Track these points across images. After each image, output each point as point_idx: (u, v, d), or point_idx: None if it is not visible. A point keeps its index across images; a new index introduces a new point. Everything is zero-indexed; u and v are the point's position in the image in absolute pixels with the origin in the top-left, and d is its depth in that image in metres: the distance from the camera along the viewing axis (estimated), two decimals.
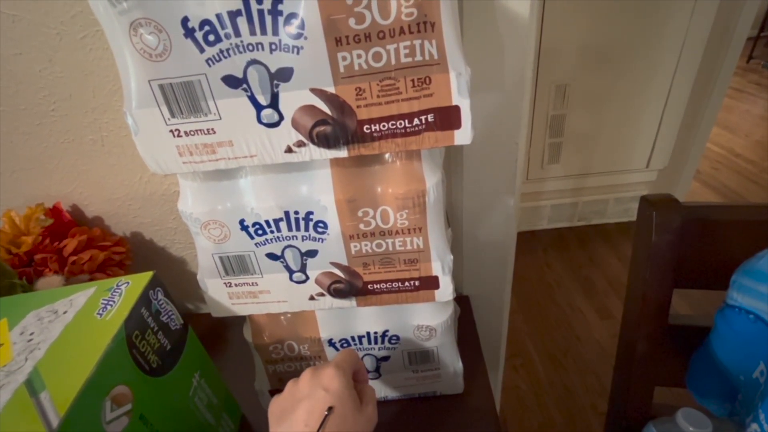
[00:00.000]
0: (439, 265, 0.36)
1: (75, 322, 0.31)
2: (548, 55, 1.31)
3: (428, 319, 0.41)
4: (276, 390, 0.45)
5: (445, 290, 0.38)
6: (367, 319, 0.41)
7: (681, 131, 1.46)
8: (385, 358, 0.43)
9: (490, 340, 0.65)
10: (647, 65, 1.34)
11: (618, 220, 1.72)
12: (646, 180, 1.61)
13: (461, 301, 0.58)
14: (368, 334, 0.41)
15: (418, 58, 0.26)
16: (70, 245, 0.49)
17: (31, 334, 0.31)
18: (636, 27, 1.28)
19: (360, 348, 0.42)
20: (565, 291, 1.45)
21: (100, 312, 0.32)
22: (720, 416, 0.37)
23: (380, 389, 0.46)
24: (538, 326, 1.33)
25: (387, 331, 0.41)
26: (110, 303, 0.33)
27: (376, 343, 0.42)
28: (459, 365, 0.45)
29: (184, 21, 0.25)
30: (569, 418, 1.08)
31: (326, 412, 0.28)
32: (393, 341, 0.42)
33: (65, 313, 0.32)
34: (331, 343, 0.42)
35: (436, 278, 0.37)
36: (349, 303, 0.38)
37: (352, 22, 0.25)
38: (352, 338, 0.41)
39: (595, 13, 1.26)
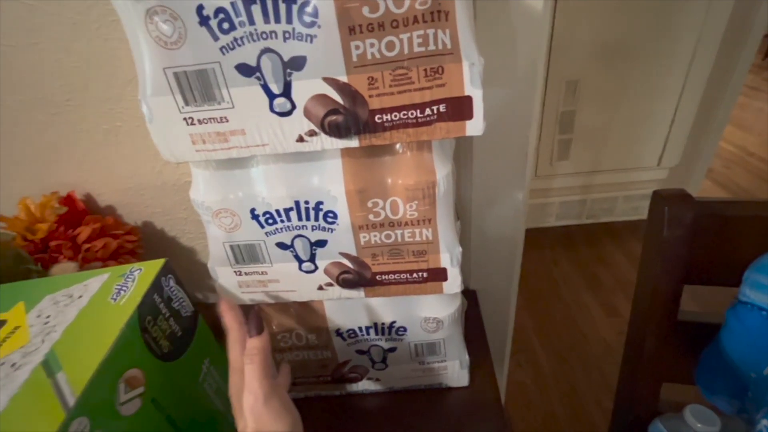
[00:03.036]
0: (448, 257, 0.36)
1: (90, 306, 0.32)
2: (559, 50, 1.30)
3: (436, 311, 0.41)
4: None
5: (454, 282, 0.38)
6: (375, 310, 0.41)
7: (694, 129, 1.44)
8: (392, 350, 0.43)
9: (495, 335, 0.65)
10: (660, 62, 1.32)
11: (627, 218, 1.70)
12: (657, 178, 1.59)
13: (468, 295, 0.58)
14: (375, 325, 0.42)
15: (431, 47, 0.26)
16: (84, 233, 0.50)
17: (48, 317, 0.32)
18: (650, 22, 1.25)
19: (367, 339, 0.43)
20: (572, 288, 1.44)
21: (114, 297, 0.33)
22: (729, 413, 0.37)
23: (387, 380, 0.46)
24: (543, 323, 1.32)
25: (394, 322, 0.41)
26: (124, 288, 0.33)
27: (383, 334, 0.42)
28: (465, 358, 0.45)
29: (199, 9, 0.26)
30: (573, 415, 1.08)
31: None
32: (400, 333, 0.42)
33: (80, 297, 0.33)
34: (338, 333, 0.42)
35: (444, 270, 0.37)
36: (357, 294, 0.39)
37: (365, 10, 0.25)
38: (360, 329, 0.42)
39: (608, 8, 1.24)
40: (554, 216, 1.69)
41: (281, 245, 0.36)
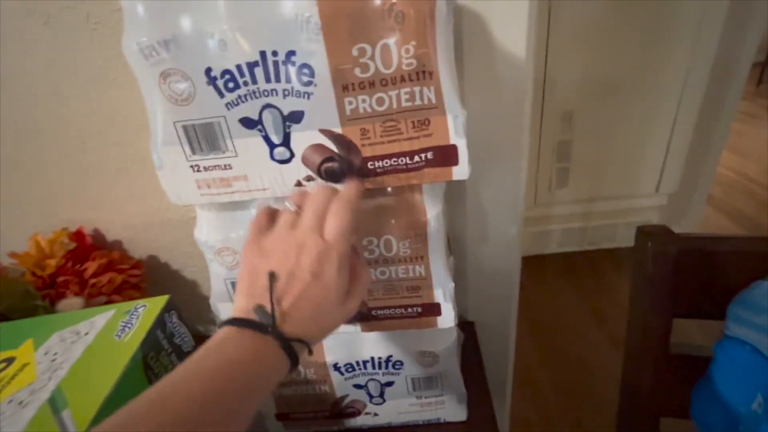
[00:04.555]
0: (441, 293, 0.37)
1: (95, 343, 0.33)
2: (553, 83, 1.35)
3: (431, 345, 0.42)
4: (282, 414, 0.46)
5: (447, 317, 0.39)
6: (372, 344, 0.42)
7: (690, 156, 1.47)
8: (389, 384, 0.44)
9: (495, 368, 0.65)
10: (652, 93, 1.36)
11: (629, 244, 1.69)
12: (657, 204, 1.60)
13: (466, 326, 0.59)
14: (372, 359, 0.42)
15: (418, 102, 0.29)
16: (91, 268, 0.52)
17: (55, 354, 0.33)
18: (640, 56, 1.31)
19: (365, 373, 0.43)
20: (576, 317, 1.43)
21: (119, 334, 0.34)
22: None
23: (385, 415, 0.46)
24: (548, 355, 1.30)
25: (391, 356, 0.42)
26: (128, 325, 0.35)
27: (380, 368, 0.43)
28: (463, 392, 0.45)
29: (208, 71, 0.28)
30: None
31: (270, 279, 0.24)
32: (397, 367, 0.43)
33: (87, 334, 0.35)
34: (336, 367, 0.43)
35: (437, 305, 0.38)
36: (354, 328, 0.40)
37: (357, 71, 0.28)
38: (357, 363, 0.42)
39: (599, 43, 1.30)
40: (555, 243, 1.70)
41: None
